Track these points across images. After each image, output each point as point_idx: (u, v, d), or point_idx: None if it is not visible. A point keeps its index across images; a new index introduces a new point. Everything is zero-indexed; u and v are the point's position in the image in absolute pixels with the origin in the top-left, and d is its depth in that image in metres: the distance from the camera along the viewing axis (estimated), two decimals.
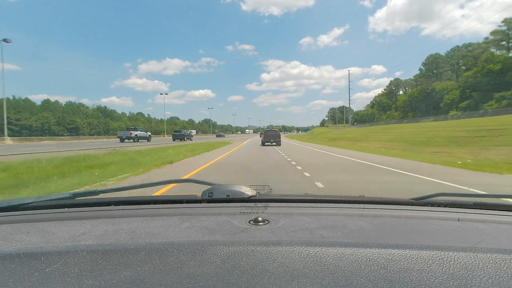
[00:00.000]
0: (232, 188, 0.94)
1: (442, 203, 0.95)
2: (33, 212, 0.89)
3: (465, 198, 1.00)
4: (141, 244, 0.57)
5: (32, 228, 0.73)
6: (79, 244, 0.61)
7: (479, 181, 6.17)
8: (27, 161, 8.52)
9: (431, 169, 8.22)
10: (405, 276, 0.48)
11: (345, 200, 0.99)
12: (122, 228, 0.71)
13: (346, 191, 4.95)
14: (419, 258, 0.51)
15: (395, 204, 0.97)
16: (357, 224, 0.73)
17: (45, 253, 0.54)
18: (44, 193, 4.59)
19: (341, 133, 47.15)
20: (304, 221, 0.75)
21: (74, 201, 0.96)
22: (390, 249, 0.54)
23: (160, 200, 1.01)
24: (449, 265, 0.50)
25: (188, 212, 0.85)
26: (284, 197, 1.00)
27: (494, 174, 7.23)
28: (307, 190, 4.92)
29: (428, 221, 0.79)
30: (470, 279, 0.47)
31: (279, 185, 5.42)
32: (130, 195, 1.14)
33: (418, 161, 10.49)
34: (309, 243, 0.56)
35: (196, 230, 0.69)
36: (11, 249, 0.57)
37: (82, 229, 0.71)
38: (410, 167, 8.69)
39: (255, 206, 0.88)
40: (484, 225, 0.78)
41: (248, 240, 0.61)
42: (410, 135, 25.36)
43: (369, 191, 5.01)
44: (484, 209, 0.92)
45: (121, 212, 0.88)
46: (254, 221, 0.73)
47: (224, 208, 0.88)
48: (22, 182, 5.36)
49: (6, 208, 0.91)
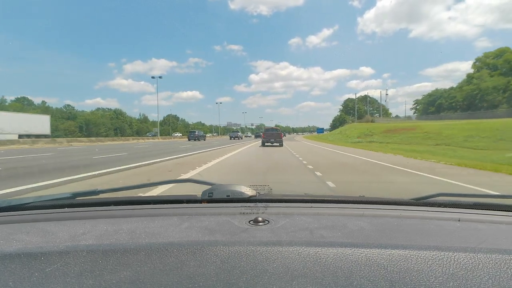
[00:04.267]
0: (232, 188, 0.94)
1: (442, 203, 0.95)
2: (33, 212, 0.89)
3: (465, 198, 1.00)
4: (141, 244, 0.57)
5: (32, 228, 0.73)
6: (79, 244, 0.61)
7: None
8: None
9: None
10: (405, 276, 0.48)
11: (345, 200, 0.99)
12: (122, 228, 0.71)
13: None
14: (419, 258, 0.51)
15: (395, 204, 0.97)
16: (357, 224, 0.73)
17: (45, 253, 0.54)
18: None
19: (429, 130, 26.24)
20: (304, 221, 0.75)
21: (74, 201, 0.96)
22: (390, 249, 0.54)
23: (160, 200, 1.01)
24: (449, 266, 0.50)
25: (188, 212, 0.85)
26: (284, 197, 1.00)
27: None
28: None
29: (428, 221, 0.79)
30: (470, 279, 0.47)
31: None
32: (130, 195, 1.14)
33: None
34: (309, 243, 0.56)
35: (196, 230, 0.69)
36: (11, 249, 0.57)
37: (82, 229, 0.71)
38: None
39: (255, 206, 0.88)
40: (484, 225, 0.78)
41: (248, 240, 0.61)
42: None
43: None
44: (485, 209, 0.92)
45: (121, 212, 0.88)
46: (254, 221, 0.73)
47: (224, 208, 0.88)
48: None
49: (6, 208, 0.91)
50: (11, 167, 8.41)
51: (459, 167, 8.66)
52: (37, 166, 8.45)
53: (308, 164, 8.87)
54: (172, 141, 40.91)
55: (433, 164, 9.37)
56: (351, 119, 76.87)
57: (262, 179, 6.03)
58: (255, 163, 9.97)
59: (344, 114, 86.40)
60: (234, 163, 9.70)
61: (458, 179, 6.13)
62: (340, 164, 9.71)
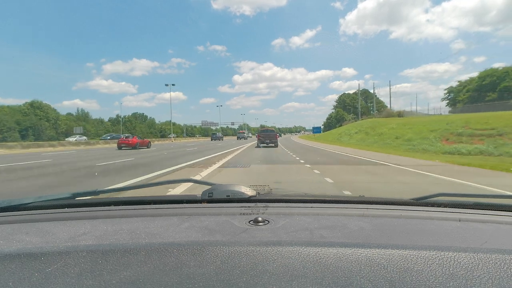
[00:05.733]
0: (232, 188, 0.94)
1: (442, 203, 0.95)
2: (33, 212, 0.89)
3: (465, 198, 1.00)
4: (141, 244, 0.57)
5: (32, 228, 0.73)
6: (79, 244, 0.61)
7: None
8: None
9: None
10: (405, 276, 0.48)
11: (345, 200, 0.99)
12: (122, 228, 0.71)
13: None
14: (419, 258, 0.51)
15: (395, 204, 0.97)
16: (357, 224, 0.73)
17: (45, 253, 0.54)
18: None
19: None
20: (304, 221, 0.75)
21: (74, 201, 0.96)
22: (390, 249, 0.54)
23: (160, 200, 1.01)
24: (449, 266, 0.50)
25: (188, 212, 0.85)
26: (284, 197, 1.00)
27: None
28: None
29: (428, 221, 0.79)
30: (471, 279, 0.47)
31: None
32: (130, 195, 1.14)
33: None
34: (309, 244, 0.56)
35: (196, 230, 0.69)
36: (11, 249, 0.57)
37: (82, 229, 0.71)
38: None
39: (255, 206, 0.88)
40: (484, 225, 0.78)
41: (248, 241, 0.61)
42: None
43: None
44: (485, 209, 0.92)
45: (121, 212, 0.88)
46: (254, 221, 0.73)
47: (224, 208, 0.88)
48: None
49: (6, 208, 0.91)
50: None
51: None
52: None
53: None
54: (104, 147, 25.80)
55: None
56: (351, 116, 69.41)
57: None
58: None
59: (342, 111, 77.65)
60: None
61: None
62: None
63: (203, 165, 9.81)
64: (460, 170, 8.68)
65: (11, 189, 6.03)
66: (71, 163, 11.61)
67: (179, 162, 10.70)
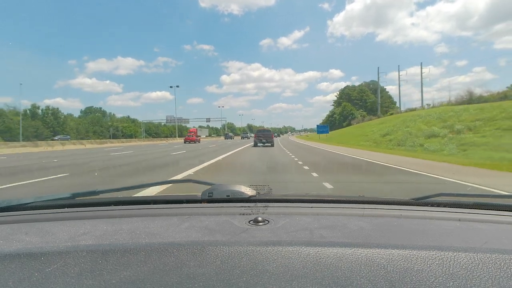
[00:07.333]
0: (232, 188, 0.94)
1: (442, 203, 0.95)
2: (33, 212, 0.89)
3: (465, 198, 1.00)
4: (141, 244, 0.57)
5: (32, 228, 0.73)
6: (79, 244, 0.61)
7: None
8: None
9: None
10: (405, 276, 0.48)
11: (345, 200, 0.99)
12: (122, 228, 0.71)
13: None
14: (419, 258, 0.51)
15: (395, 204, 0.97)
16: (357, 224, 0.73)
17: (45, 253, 0.54)
18: None
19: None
20: (304, 221, 0.75)
21: (74, 201, 0.96)
22: (390, 249, 0.54)
23: (160, 200, 1.01)
24: (449, 265, 0.50)
25: (188, 212, 0.85)
26: (284, 197, 1.00)
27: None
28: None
29: (428, 221, 0.79)
30: (471, 279, 0.47)
31: None
32: (130, 195, 1.14)
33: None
34: (309, 243, 0.56)
35: (196, 230, 0.69)
36: (11, 249, 0.57)
37: (82, 229, 0.71)
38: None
39: (255, 206, 0.88)
40: (484, 225, 0.78)
41: (248, 240, 0.61)
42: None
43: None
44: (485, 209, 0.92)
45: (121, 212, 0.88)
46: (254, 221, 0.73)
47: (224, 208, 0.88)
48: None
49: (6, 208, 0.91)
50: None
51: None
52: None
53: None
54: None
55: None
56: (360, 113, 59.55)
57: None
58: None
59: (351, 106, 67.15)
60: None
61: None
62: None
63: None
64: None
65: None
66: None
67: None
